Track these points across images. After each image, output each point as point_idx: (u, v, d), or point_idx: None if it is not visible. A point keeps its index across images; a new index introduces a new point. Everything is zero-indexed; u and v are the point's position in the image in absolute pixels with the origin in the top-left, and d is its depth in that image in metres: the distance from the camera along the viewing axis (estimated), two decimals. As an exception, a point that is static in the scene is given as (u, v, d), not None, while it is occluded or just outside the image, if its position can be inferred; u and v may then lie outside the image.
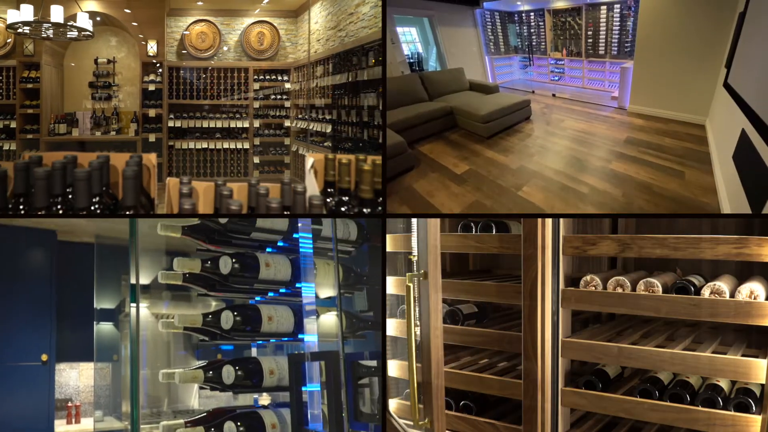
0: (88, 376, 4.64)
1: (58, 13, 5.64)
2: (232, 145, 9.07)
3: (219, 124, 9.04)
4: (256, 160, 9.11)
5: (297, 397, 2.21)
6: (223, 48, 9.12)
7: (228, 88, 9.05)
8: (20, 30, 5.78)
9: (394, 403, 2.46)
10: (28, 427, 4.01)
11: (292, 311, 2.35)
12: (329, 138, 7.09)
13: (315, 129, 7.70)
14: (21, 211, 2.04)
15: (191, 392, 3.07)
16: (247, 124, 9.09)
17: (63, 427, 4.31)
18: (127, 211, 2.00)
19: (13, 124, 8.15)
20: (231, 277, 2.21)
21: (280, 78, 9.13)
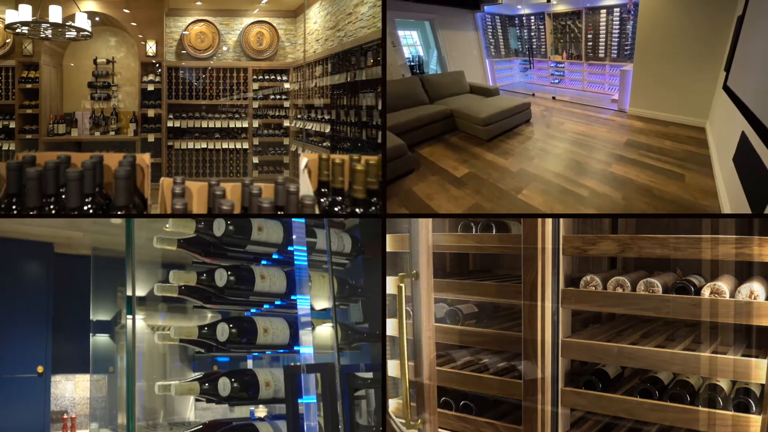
0: (83, 388, 4.60)
1: (56, 14, 5.64)
2: (231, 145, 9.07)
3: (218, 124, 9.04)
4: (256, 160, 9.10)
5: (293, 409, 2.21)
6: (222, 48, 9.13)
7: (227, 88, 9.05)
8: (19, 30, 5.78)
9: (393, 403, 2.46)
10: (24, 439, 4.01)
11: (288, 323, 2.35)
12: (328, 138, 7.09)
13: (314, 129, 7.71)
14: (13, 212, 2.03)
15: (187, 404, 3.06)
16: (246, 124, 9.08)
17: (58, 439, 4.30)
18: (119, 211, 1.99)
19: (12, 125, 8.14)
20: (226, 290, 2.23)
21: (279, 78, 9.13)
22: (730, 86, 3.88)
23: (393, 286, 2.35)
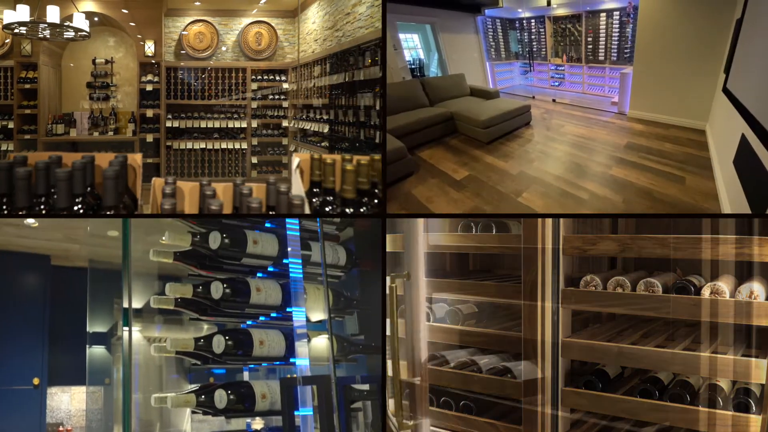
0: (79, 400, 4.58)
1: (54, 14, 5.64)
2: (230, 146, 9.05)
3: (217, 125, 9.02)
4: (254, 160, 9.09)
5: (289, 421, 2.20)
6: (221, 48, 9.13)
7: (226, 89, 9.04)
8: (17, 30, 5.79)
9: (391, 403, 2.45)
10: (20, 451, 4.00)
11: (283, 335, 2.35)
12: (326, 138, 7.09)
13: (312, 129, 7.71)
14: (3, 212, 2.01)
15: (184, 416, 3.05)
16: (245, 124, 9.07)
17: (54, 451, 4.30)
18: (108, 211, 1.98)
19: (10, 125, 8.14)
20: (222, 302, 2.22)
21: (278, 78, 9.13)
22: (730, 88, 3.88)
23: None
